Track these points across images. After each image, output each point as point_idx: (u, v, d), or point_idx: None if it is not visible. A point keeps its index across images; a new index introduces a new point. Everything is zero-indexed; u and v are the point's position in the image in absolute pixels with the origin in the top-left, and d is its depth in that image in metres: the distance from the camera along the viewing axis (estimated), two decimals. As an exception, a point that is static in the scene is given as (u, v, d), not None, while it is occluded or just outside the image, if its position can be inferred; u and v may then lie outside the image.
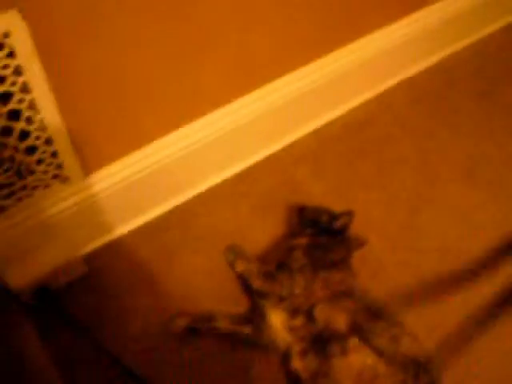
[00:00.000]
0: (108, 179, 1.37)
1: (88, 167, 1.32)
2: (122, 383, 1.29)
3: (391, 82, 1.85)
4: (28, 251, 1.34)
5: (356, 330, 1.20)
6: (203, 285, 1.43)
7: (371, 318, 1.23)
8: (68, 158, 1.25)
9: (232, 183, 1.60)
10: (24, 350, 1.28)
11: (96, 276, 1.44)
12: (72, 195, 1.34)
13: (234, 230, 1.52)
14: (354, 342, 1.19)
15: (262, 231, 1.50)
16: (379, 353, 1.17)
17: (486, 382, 1.27)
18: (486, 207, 1.58)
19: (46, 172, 1.24)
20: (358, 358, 1.17)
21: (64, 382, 1.24)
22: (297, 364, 1.23)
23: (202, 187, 1.59)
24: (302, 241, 1.38)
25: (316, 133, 1.72)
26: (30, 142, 1.16)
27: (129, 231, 1.51)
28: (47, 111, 1.13)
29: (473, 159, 1.68)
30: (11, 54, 1.00)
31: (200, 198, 1.57)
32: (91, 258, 1.46)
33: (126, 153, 1.37)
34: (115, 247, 1.48)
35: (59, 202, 1.33)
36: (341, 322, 1.21)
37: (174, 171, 1.48)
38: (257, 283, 1.33)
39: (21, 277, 1.33)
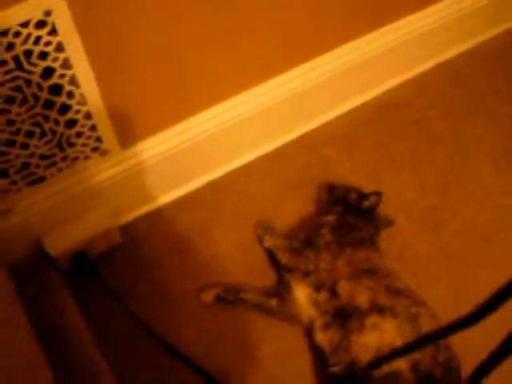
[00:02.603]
0: (145, 152, 1.42)
1: (127, 140, 1.37)
2: (152, 350, 1.35)
3: (428, 64, 1.85)
4: (66, 220, 1.40)
5: (376, 308, 1.23)
6: (233, 258, 1.47)
7: (392, 296, 1.26)
8: (107, 131, 1.30)
9: (265, 161, 1.64)
10: (62, 313, 1.35)
11: (131, 246, 1.49)
12: (111, 167, 1.39)
13: (266, 206, 1.55)
14: (373, 319, 1.22)
15: (292, 208, 1.54)
16: (397, 331, 1.20)
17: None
18: (516, 192, 1.59)
19: (85, 145, 1.30)
20: (375, 336, 1.21)
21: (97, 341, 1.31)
22: (320, 337, 1.27)
23: (236, 164, 1.63)
24: (330, 218, 1.41)
25: (350, 114, 1.74)
26: (70, 115, 1.22)
27: (164, 204, 1.56)
28: (87, 86, 1.18)
29: (507, 145, 1.68)
30: (53, 31, 1.05)
31: (234, 174, 1.61)
32: (128, 229, 1.52)
33: (162, 127, 1.42)
34: (151, 219, 1.54)
35: (98, 174, 1.39)
36: (362, 299, 1.25)
37: (210, 147, 1.52)
38: (284, 258, 1.37)
39: (60, 244, 1.39)
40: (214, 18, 1.26)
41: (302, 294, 1.32)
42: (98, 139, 1.32)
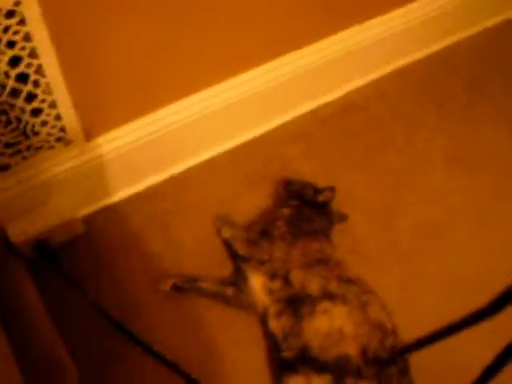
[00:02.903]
0: (109, 145, 1.46)
1: (91, 132, 1.41)
2: (110, 337, 1.38)
3: (387, 69, 1.92)
4: (29, 208, 1.43)
5: (327, 295, 1.29)
6: (192, 249, 1.52)
7: (343, 285, 1.32)
8: (71, 122, 1.34)
9: (226, 157, 1.69)
10: (22, 297, 1.37)
11: (92, 237, 1.53)
12: (74, 158, 1.43)
13: (225, 200, 1.61)
14: (324, 305, 1.28)
15: (251, 203, 1.59)
16: (347, 316, 1.26)
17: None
18: (466, 191, 1.66)
19: (50, 134, 1.34)
20: (326, 321, 1.27)
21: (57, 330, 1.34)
22: (272, 324, 1.33)
23: (198, 159, 1.67)
24: (286, 211, 1.47)
25: (310, 114, 1.80)
26: (35, 104, 1.25)
27: (126, 196, 1.59)
28: (52, 76, 1.22)
29: (458, 146, 1.76)
30: (21, 22, 1.09)
31: (195, 169, 1.66)
32: (89, 220, 1.55)
33: (126, 120, 1.46)
34: (112, 211, 1.57)
35: (62, 164, 1.42)
36: (314, 286, 1.31)
37: (173, 141, 1.56)
38: (240, 248, 1.42)
39: (21, 231, 1.41)
40: (180, 11, 1.31)
41: (256, 282, 1.37)
42: (63, 129, 1.35)
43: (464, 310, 1.42)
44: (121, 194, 1.60)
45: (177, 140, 1.57)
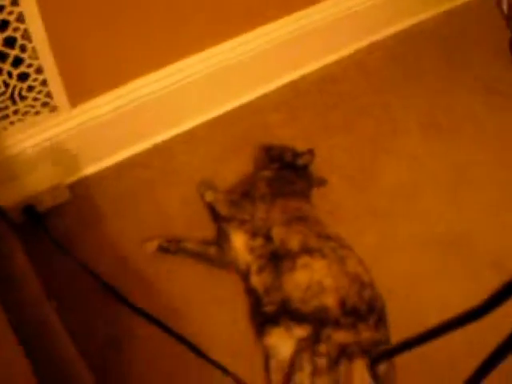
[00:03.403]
0: (93, 111, 1.50)
1: (76, 98, 1.45)
2: (97, 295, 1.43)
3: (365, 41, 1.97)
4: (16, 174, 1.47)
5: (306, 250, 1.34)
6: (176, 213, 1.57)
7: (322, 240, 1.37)
8: (57, 87, 1.38)
9: (209, 126, 1.74)
10: (11, 258, 1.41)
11: (78, 203, 1.57)
12: (60, 124, 1.47)
13: (208, 167, 1.66)
14: (303, 260, 1.33)
15: (233, 168, 1.64)
16: (326, 270, 1.31)
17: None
18: (441, 156, 1.73)
19: (36, 99, 1.38)
20: (305, 274, 1.32)
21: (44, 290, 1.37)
22: (254, 280, 1.38)
23: (181, 128, 1.72)
24: (267, 173, 1.53)
25: (291, 85, 1.85)
26: (22, 68, 1.29)
27: (112, 164, 1.64)
28: (39, 41, 1.26)
29: (433, 113, 1.82)
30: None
31: (179, 138, 1.71)
32: (75, 187, 1.59)
33: (111, 87, 1.50)
34: (98, 177, 1.62)
35: (48, 130, 1.46)
36: (294, 242, 1.36)
37: (156, 110, 1.61)
38: (223, 209, 1.47)
39: (9, 196, 1.45)
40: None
41: (238, 241, 1.42)
42: (49, 95, 1.39)
43: (436, 263, 1.51)
44: (106, 162, 1.64)
45: (159, 109, 1.61)
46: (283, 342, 1.29)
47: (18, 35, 1.23)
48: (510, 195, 1.69)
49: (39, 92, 1.36)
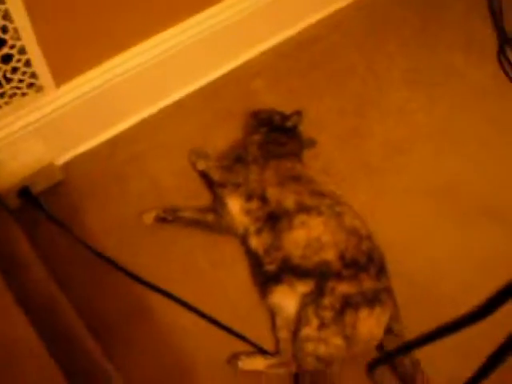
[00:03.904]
0: (79, 89, 1.49)
1: (61, 77, 1.44)
2: (101, 271, 1.44)
3: (343, 2, 1.97)
4: (9, 157, 1.46)
5: (303, 208, 1.36)
6: (170, 184, 1.58)
7: (317, 198, 1.39)
8: (41, 66, 1.37)
9: (195, 96, 1.74)
10: (14, 243, 1.41)
11: (72, 182, 1.58)
12: (47, 104, 1.46)
13: (198, 136, 1.66)
14: (300, 218, 1.35)
15: (223, 136, 1.65)
16: (323, 226, 1.33)
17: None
18: (427, 110, 1.75)
19: (21, 80, 1.37)
20: (303, 232, 1.34)
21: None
22: (253, 242, 1.40)
23: (168, 100, 1.72)
24: (257, 137, 1.54)
25: (273, 49, 1.85)
26: (5, 50, 1.28)
27: (102, 141, 1.64)
28: (20, 21, 1.25)
29: (417, 68, 1.84)
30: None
31: (166, 111, 1.71)
32: (67, 167, 1.60)
33: (95, 64, 1.49)
34: (89, 155, 1.62)
35: (35, 111, 1.45)
36: (289, 201, 1.38)
37: (141, 84, 1.60)
38: (216, 175, 1.49)
39: (2, 181, 1.45)
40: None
41: (234, 205, 1.43)
42: (33, 75, 1.39)
43: (430, 214, 1.53)
44: (96, 140, 1.64)
45: (144, 82, 1.61)
46: (287, 299, 1.32)
47: (-2, 16, 1.22)
48: (495, 144, 1.72)
49: (24, 73, 1.36)
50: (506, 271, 1.39)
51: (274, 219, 1.37)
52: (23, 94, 1.41)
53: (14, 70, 1.34)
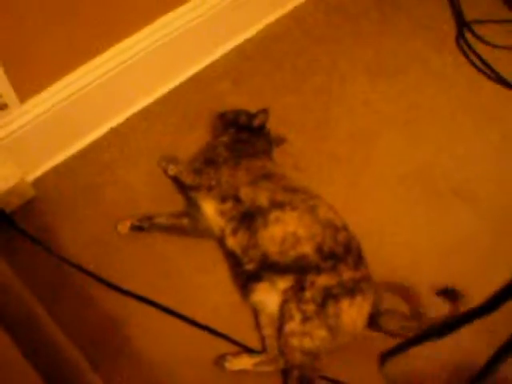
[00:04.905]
0: (44, 104, 1.48)
1: (24, 93, 1.43)
2: (81, 285, 1.43)
3: (301, -1, 1.99)
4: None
5: (276, 204, 1.37)
6: (142, 192, 1.58)
7: (290, 193, 1.40)
8: (3, 84, 1.36)
9: (162, 102, 1.74)
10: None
11: (45, 197, 1.57)
12: (12, 121, 1.45)
13: (167, 141, 1.67)
14: (274, 214, 1.36)
15: (192, 140, 1.66)
16: (298, 220, 1.34)
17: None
18: (391, 98, 1.78)
19: (-17, 100, 1.36)
20: (279, 228, 1.35)
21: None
22: (230, 242, 1.40)
23: (134, 108, 1.72)
24: (225, 138, 1.55)
25: (235, 50, 1.86)
26: (-34, 70, 1.27)
27: (71, 154, 1.63)
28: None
29: (378, 60, 1.87)
30: None
31: (134, 118, 1.71)
32: (39, 182, 1.59)
33: (57, 78, 1.48)
34: (60, 170, 1.61)
35: (2, 128, 1.44)
36: (262, 199, 1.39)
37: (107, 93, 1.60)
38: (188, 179, 1.49)
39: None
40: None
41: (209, 207, 1.44)
42: (-4, 94, 1.38)
43: (402, 200, 1.56)
44: (66, 153, 1.63)
45: (109, 92, 1.61)
46: (269, 296, 1.33)
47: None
48: (461, 127, 1.76)
49: (-14, 92, 1.35)
50: (478, 249, 1.45)
51: (248, 218, 1.38)
52: (-13, 113, 1.39)
53: (-24, 89, 1.32)
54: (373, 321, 1.34)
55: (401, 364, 1.29)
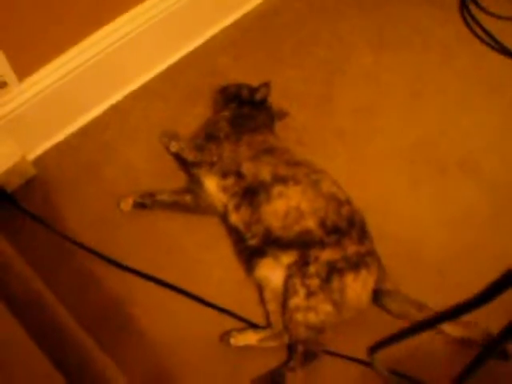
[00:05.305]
0: (42, 82, 1.47)
1: (23, 71, 1.41)
2: (84, 264, 1.43)
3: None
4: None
5: (279, 179, 1.36)
6: (144, 169, 1.57)
7: (292, 167, 1.38)
8: (1, 62, 1.34)
9: (161, 78, 1.72)
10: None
11: (46, 176, 1.55)
12: (11, 100, 1.44)
13: (168, 118, 1.65)
14: (277, 189, 1.35)
15: (193, 115, 1.64)
16: (301, 195, 1.33)
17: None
18: (394, 71, 1.75)
19: (-18, 78, 1.34)
20: (282, 203, 1.34)
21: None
22: (233, 218, 1.39)
23: (134, 85, 1.70)
24: (226, 113, 1.53)
25: (235, 24, 1.84)
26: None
27: (71, 132, 1.62)
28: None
29: (380, 32, 1.83)
30: None
31: (134, 95, 1.69)
32: (40, 161, 1.57)
33: (55, 55, 1.46)
34: (60, 148, 1.59)
35: (1, 107, 1.43)
36: (265, 173, 1.37)
37: (105, 70, 1.58)
38: (190, 156, 1.47)
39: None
40: None
41: (211, 183, 1.43)
42: (-5, 72, 1.36)
43: (408, 172, 1.54)
44: (66, 131, 1.62)
45: (108, 69, 1.59)
46: (273, 271, 1.32)
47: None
48: (464, 99, 1.73)
49: (-16, 70, 1.33)
50: (480, 223, 1.44)
51: (251, 193, 1.36)
52: (-15, 92, 1.38)
53: (-25, 67, 1.31)
54: (377, 297, 1.33)
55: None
